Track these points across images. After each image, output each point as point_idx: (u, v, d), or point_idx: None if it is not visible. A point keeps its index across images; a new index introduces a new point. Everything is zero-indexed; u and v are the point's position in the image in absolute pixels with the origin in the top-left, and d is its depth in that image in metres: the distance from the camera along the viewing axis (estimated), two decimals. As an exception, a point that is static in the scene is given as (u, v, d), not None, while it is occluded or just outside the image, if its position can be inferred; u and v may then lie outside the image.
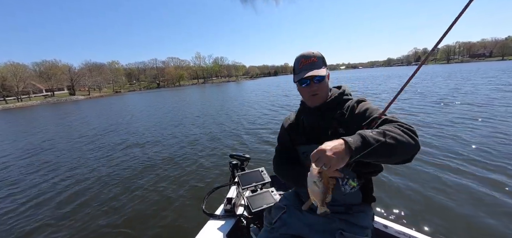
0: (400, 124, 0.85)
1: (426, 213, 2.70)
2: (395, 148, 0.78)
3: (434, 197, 2.97)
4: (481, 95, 10.14)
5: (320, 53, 1.09)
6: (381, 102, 11.15)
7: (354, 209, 1.11)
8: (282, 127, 1.32)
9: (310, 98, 1.09)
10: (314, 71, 1.03)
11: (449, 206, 2.77)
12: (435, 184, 3.25)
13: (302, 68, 1.07)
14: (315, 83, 1.06)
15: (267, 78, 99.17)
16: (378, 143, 0.76)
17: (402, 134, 0.80)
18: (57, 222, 3.25)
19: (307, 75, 1.03)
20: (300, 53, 1.11)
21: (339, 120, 1.06)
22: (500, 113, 6.76)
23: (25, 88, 54.78)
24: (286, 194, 1.36)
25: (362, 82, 25.65)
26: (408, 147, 0.80)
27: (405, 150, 0.80)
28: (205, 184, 4.01)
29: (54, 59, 69.43)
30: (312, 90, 1.06)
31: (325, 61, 1.10)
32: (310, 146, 1.09)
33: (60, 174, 5.13)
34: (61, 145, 8.01)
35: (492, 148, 4.26)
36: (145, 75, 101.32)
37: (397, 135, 0.79)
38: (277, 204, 1.30)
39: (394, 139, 0.78)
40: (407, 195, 3.07)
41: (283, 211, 1.21)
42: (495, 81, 15.87)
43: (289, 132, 1.26)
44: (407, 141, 0.80)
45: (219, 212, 1.69)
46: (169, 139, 7.46)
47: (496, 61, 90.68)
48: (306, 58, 1.07)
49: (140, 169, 5.00)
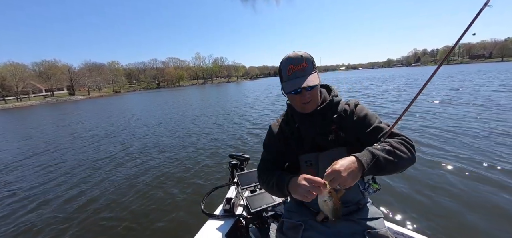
0: (405, 139, 0.91)
1: (424, 212, 2.70)
2: (400, 165, 0.86)
3: (431, 196, 2.97)
4: (484, 96, 10.17)
5: (309, 55, 0.99)
6: (384, 101, 11.18)
7: (362, 202, 1.13)
8: (271, 133, 1.19)
9: (302, 107, 1.03)
10: (307, 80, 0.94)
11: (447, 205, 2.77)
12: (430, 183, 3.25)
13: (291, 75, 0.97)
14: (308, 91, 0.98)
15: (267, 79, 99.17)
16: (387, 162, 0.84)
17: (407, 151, 0.87)
18: (61, 219, 3.25)
19: (301, 86, 0.93)
20: (286, 55, 1.00)
21: (338, 123, 1.04)
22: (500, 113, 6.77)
23: (25, 88, 54.74)
24: (288, 206, 1.25)
25: (363, 83, 25.66)
26: (409, 162, 0.88)
27: (405, 166, 0.88)
28: (204, 184, 4.01)
29: (54, 59, 69.47)
30: (305, 98, 0.99)
31: (314, 64, 1.00)
32: (312, 154, 1.06)
33: (59, 174, 5.13)
34: (61, 144, 8.00)
35: (492, 148, 4.26)
36: (145, 75, 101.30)
37: (402, 153, 0.86)
38: (291, 223, 1.13)
39: (400, 158, 0.86)
40: (402, 193, 3.07)
41: (302, 228, 1.08)
42: (496, 81, 15.91)
43: (283, 140, 1.15)
44: (408, 158, 0.87)
45: (218, 212, 1.69)
46: (169, 139, 7.45)
47: (496, 62, 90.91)
48: (295, 64, 0.96)
49: (139, 168, 4.99)
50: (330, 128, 1.04)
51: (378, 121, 1.00)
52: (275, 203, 1.61)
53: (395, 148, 0.86)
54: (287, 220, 1.14)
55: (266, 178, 1.12)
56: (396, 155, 0.85)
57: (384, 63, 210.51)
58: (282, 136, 1.15)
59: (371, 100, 12.08)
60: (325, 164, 1.00)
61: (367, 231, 1.01)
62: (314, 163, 1.05)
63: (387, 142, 0.89)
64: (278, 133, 1.17)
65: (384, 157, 0.83)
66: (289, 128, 1.14)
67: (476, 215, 2.59)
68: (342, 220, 1.06)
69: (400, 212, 2.75)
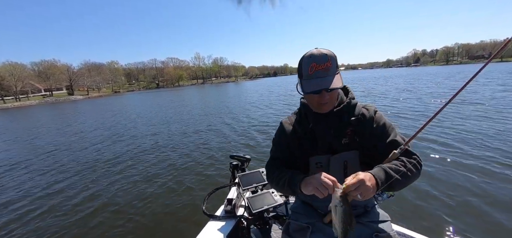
0: (417, 161, 0.93)
1: (421, 213, 2.70)
2: (407, 185, 0.90)
3: (432, 195, 2.97)
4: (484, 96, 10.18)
5: (333, 53, 0.92)
6: (388, 100, 11.18)
7: (369, 205, 1.11)
8: (282, 131, 1.15)
9: (319, 107, 0.98)
10: (332, 82, 0.89)
11: (449, 205, 2.77)
12: (433, 183, 3.25)
13: (313, 74, 0.90)
14: (328, 92, 0.92)
15: (267, 79, 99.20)
16: (399, 183, 0.87)
17: (416, 173, 0.91)
18: (64, 217, 3.24)
19: (327, 88, 0.87)
20: (309, 52, 0.93)
21: (355, 127, 0.99)
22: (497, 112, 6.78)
23: (24, 88, 54.58)
24: (294, 207, 1.22)
25: (362, 83, 25.68)
26: (415, 179, 0.92)
27: (411, 183, 0.92)
28: (205, 184, 4.00)
29: (53, 59, 69.22)
30: (324, 99, 0.94)
31: (337, 64, 0.95)
32: (323, 156, 1.02)
33: (55, 175, 5.11)
34: (59, 145, 7.98)
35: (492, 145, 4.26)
36: (144, 75, 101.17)
37: (413, 175, 0.90)
38: (298, 224, 1.10)
39: (410, 179, 0.90)
40: (410, 196, 3.07)
41: (309, 231, 1.05)
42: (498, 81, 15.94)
43: (295, 139, 1.10)
44: (415, 176, 0.91)
45: (220, 213, 1.68)
46: (169, 139, 7.44)
47: (495, 63, 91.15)
48: (318, 63, 0.89)
49: (139, 170, 4.98)
50: (346, 130, 1.00)
51: (395, 133, 1.00)
52: (276, 203, 1.60)
53: (408, 169, 0.89)
54: (294, 222, 1.11)
55: (276, 175, 1.08)
56: (407, 176, 0.88)
57: (383, 63, 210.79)
58: (295, 135, 1.11)
59: (379, 101, 12.09)
60: (335, 167, 0.99)
61: (375, 234, 1.00)
62: (325, 165, 1.02)
63: (402, 162, 0.91)
64: (290, 131, 1.12)
65: (397, 179, 0.86)
66: (302, 127, 1.09)
67: (497, 214, 2.58)
68: None
69: (407, 214, 2.75)
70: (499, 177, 3.31)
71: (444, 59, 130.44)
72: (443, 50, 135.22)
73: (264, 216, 1.61)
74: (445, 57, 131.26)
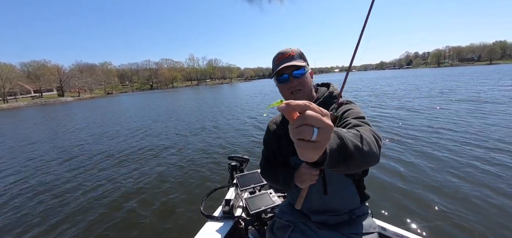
0: (373, 131, 0.76)
1: (419, 212, 2.74)
2: (367, 155, 0.65)
3: (425, 195, 3.02)
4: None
5: (298, 49, 1.03)
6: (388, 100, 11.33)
7: (356, 213, 1.07)
8: (268, 132, 1.20)
9: (291, 97, 0.97)
10: (293, 62, 0.97)
11: (443, 204, 2.83)
12: (426, 181, 3.31)
13: (279, 63, 1.00)
14: (295, 79, 0.97)
15: (262, 80, 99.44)
16: (355, 147, 0.62)
17: (375, 141, 0.70)
18: (61, 218, 3.16)
19: (283, 66, 0.96)
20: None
21: (334, 122, 0.95)
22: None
23: (12, 89, 53.17)
24: (283, 206, 1.27)
25: (363, 84, 26.01)
26: (375, 157, 0.69)
27: (372, 158, 0.68)
28: (203, 185, 3.97)
29: (43, 60, 67.62)
30: (293, 86, 0.98)
31: (304, 56, 1.03)
32: None
33: (50, 182, 4.99)
34: (51, 146, 7.80)
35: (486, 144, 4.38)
36: (138, 76, 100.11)
37: (371, 142, 0.68)
38: (281, 222, 1.14)
39: (369, 146, 0.66)
40: (394, 193, 3.12)
41: (290, 229, 1.08)
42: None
43: (276, 139, 1.15)
44: (375, 150, 0.69)
45: (218, 213, 1.67)
46: (167, 140, 7.36)
47: (485, 65, 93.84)
48: (282, 54, 1.01)
49: (136, 170, 4.91)
50: None
51: (361, 115, 0.88)
52: (274, 204, 1.60)
53: (363, 134, 0.68)
54: (279, 220, 1.15)
55: (270, 174, 1.14)
56: (364, 140, 0.66)
57: (377, 65, 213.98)
58: (276, 135, 1.14)
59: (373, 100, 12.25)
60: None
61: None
62: None
63: (355, 129, 0.75)
64: (273, 131, 1.17)
65: (351, 140, 0.61)
66: (283, 127, 1.12)
67: (472, 215, 2.65)
68: (330, 231, 1.01)
69: (393, 211, 2.79)
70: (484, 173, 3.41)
71: (436, 62, 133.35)
72: (435, 53, 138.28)
73: (262, 216, 1.61)
74: (437, 59, 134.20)
